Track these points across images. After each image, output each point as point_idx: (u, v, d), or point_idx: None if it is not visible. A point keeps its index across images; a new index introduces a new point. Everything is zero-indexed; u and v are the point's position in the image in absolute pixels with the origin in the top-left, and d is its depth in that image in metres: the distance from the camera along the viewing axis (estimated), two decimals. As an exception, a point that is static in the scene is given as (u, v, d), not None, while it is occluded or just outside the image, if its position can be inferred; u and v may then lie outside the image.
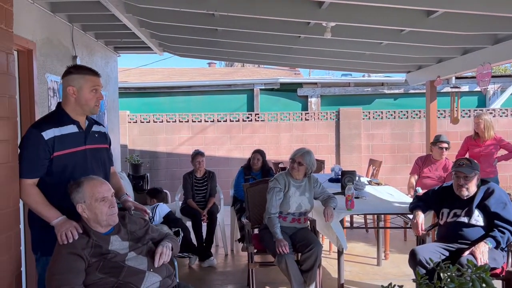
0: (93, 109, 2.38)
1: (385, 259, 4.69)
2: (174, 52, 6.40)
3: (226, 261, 4.89)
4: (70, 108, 2.36)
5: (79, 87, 2.32)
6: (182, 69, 13.23)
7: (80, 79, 2.33)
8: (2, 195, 2.16)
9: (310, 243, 3.39)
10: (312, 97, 9.38)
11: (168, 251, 2.28)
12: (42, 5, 3.99)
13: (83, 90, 2.32)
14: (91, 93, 2.34)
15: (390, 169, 8.59)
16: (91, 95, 2.34)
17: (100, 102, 2.40)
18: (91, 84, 2.34)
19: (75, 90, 2.32)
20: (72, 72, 2.35)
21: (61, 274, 2.01)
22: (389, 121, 8.73)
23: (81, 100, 2.33)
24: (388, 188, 4.78)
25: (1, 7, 2.17)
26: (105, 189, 2.22)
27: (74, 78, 2.33)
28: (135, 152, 8.31)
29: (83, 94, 2.32)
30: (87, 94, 2.33)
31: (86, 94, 2.33)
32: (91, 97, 2.34)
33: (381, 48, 4.93)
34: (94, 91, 2.35)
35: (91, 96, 2.34)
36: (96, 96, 2.36)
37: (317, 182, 3.72)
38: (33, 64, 3.73)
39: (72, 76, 2.34)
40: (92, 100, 2.35)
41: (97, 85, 2.36)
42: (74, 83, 2.32)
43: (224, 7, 3.68)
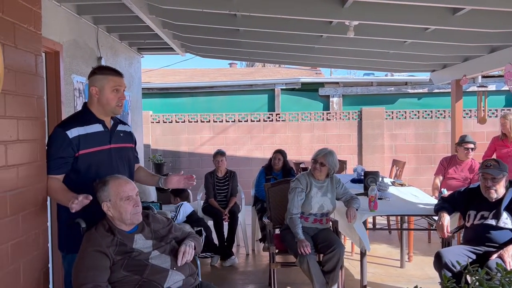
0: (114, 109, 2.39)
1: (408, 261, 4.61)
2: (196, 52, 6.45)
3: (247, 261, 4.89)
4: (94, 108, 2.39)
5: (101, 87, 2.35)
6: (203, 69, 13.32)
7: (102, 80, 2.35)
8: (31, 194, 2.21)
9: (332, 244, 3.36)
10: (334, 96, 9.30)
11: (191, 250, 2.29)
12: (69, 7, 4.08)
13: (105, 90, 2.34)
14: (112, 93, 2.35)
15: (413, 170, 8.45)
16: (112, 95, 2.35)
17: (123, 102, 2.40)
18: (113, 84, 2.35)
19: (97, 90, 2.35)
20: (96, 72, 2.39)
21: (87, 271, 2.05)
22: (413, 121, 8.59)
23: (102, 100, 2.35)
24: (412, 189, 4.70)
25: (30, 10, 2.22)
26: (130, 188, 2.25)
27: (97, 79, 2.36)
28: (158, 151, 8.41)
29: (105, 94, 2.34)
30: (109, 94, 2.34)
31: (108, 94, 2.34)
32: (112, 97, 2.35)
33: (405, 46, 4.84)
34: (115, 91, 2.36)
35: (113, 96, 2.35)
36: (118, 96, 2.36)
37: (339, 182, 3.68)
38: (59, 65, 3.82)
39: (96, 76, 2.37)
40: (113, 100, 2.35)
41: (118, 85, 2.37)
42: (96, 84, 2.35)
43: (246, 7, 3.68)
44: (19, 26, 2.12)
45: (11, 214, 2.04)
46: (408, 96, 9.36)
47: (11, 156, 2.05)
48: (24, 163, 2.15)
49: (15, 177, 2.08)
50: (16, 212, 2.09)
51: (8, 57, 2.00)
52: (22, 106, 2.15)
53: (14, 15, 2.07)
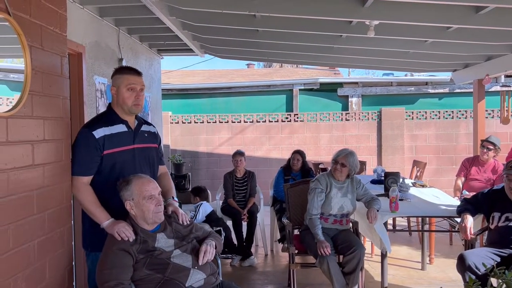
0: (131, 108, 2.38)
1: (429, 263, 4.54)
2: (215, 53, 6.48)
3: (266, 261, 4.89)
4: (117, 108, 2.43)
5: (117, 87, 2.38)
6: (222, 70, 13.39)
7: (118, 79, 2.39)
8: (56, 192, 2.26)
9: (352, 245, 3.34)
10: (353, 97, 9.22)
11: (212, 249, 2.30)
12: (91, 10, 4.16)
13: (120, 89, 2.37)
14: (128, 92, 2.35)
15: (434, 171, 8.32)
16: (127, 94, 2.36)
17: (140, 101, 2.40)
18: (127, 82, 2.36)
19: (115, 89, 2.39)
20: (115, 73, 2.45)
21: (111, 269, 2.08)
22: (434, 121, 8.45)
23: (119, 99, 2.38)
24: (433, 190, 4.63)
25: (56, 12, 2.27)
26: (152, 187, 2.27)
27: (115, 79, 2.41)
28: (177, 152, 8.49)
29: (121, 92, 2.37)
30: (124, 93, 2.36)
31: (123, 92, 2.36)
32: (127, 95, 2.36)
33: (426, 46, 4.78)
34: (131, 89, 2.36)
35: (128, 95, 2.35)
36: (134, 95, 2.36)
37: (359, 183, 3.65)
38: (82, 66, 3.90)
39: (114, 77, 2.43)
40: (129, 98, 2.35)
41: (133, 83, 2.36)
42: (114, 83, 2.40)
43: (265, 8, 3.68)
44: (46, 28, 2.17)
45: (37, 212, 2.09)
46: (429, 96, 9.23)
47: (38, 156, 2.10)
48: (49, 162, 2.20)
49: (41, 176, 2.13)
50: (42, 210, 2.13)
51: (35, 58, 2.05)
52: (48, 107, 2.20)
53: (41, 18, 2.12)
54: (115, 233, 2.18)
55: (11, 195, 1.89)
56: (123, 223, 2.23)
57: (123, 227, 2.20)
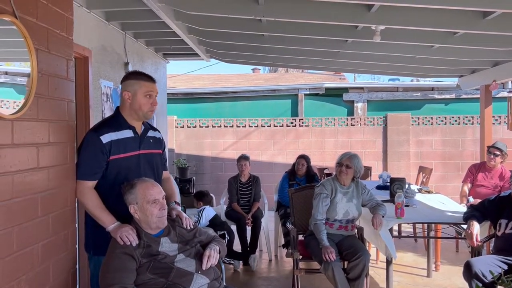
0: (146, 114, 2.40)
1: (435, 270, 4.50)
2: (221, 58, 6.50)
3: (270, 267, 4.87)
4: (126, 113, 2.42)
5: (133, 92, 2.37)
6: (227, 75, 13.42)
7: (135, 85, 2.38)
8: (60, 195, 2.26)
9: (357, 251, 3.31)
10: (359, 102, 9.21)
11: (216, 254, 2.29)
12: (98, 14, 4.18)
13: (137, 95, 2.37)
14: (145, 98, 2.37)
15: (440, 177, 8.27)
16: (144, 100, 2.37)
17: (155, 108, 2.42)
18: (145, 90, 2.37)
19: (130, 95, 2.38)
20: (129, 77, 2.42)
21: (114, 273, 2.07)
22: (440, 127, 8.41)
23: (135, 105, 2.37)
24: (439, 196, 4.60)
25: (62, 16, 2.28)
26: (156, 192, 2.27)
27: (130, 84, 2.39)
28: (182, 156, 8.49)
29: (137, 99, 2.37)
30: (141, 99, 2.37)
31: (140, 99, 2.37)
32: (144, 102, 2.37)
33: (432, 51, 4.76)
34: (148, 96, 2.38)
35: (145, 101, 2.37)
36: (150, 102, 2.38)
37: (365, 188, 3.63)
38: (88, 70, 3.92)
39: (129, 81, 2.40)
40: (145, 105, 2.38)
41: (151, 90, 2.39)
42: (129, 88, 2.38)
43: (271, 13, 3.69)
44: (52, 32, 2.18)
45: (41, 215, 2.09)
46: (435, 101, 9.19)
47: (43, 158, 2.10)
48: (54, 165, 2.20)
49: (46, 179, 2.13)
50: (46, 213, 2.13)
51: (41, 61, 2.05)
52: (54, 110, 2.21)
53: (47, 21, 2.13)
54: (117, 238, 2.17)
55: (15, 197, 1.89)
56: (127, 227, 2.22)
57: (126, 231, 2.19)
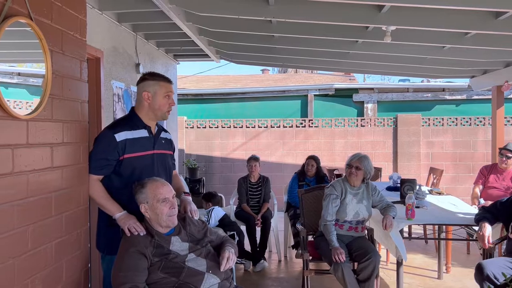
0: (164, 114, 2.48)
1: (446, 272, 4.46)
2: (231, 59, 6.52)
3: (280, 267, 4.87)
4: (143, 113, 2.47)
5: (153, 93, 2.43)
6: (236, 76, 13.45)
7: (155, 85, 2.43)
8: (73, 195, 2.29)
9: (367, 252, 3.30)
10: (369, 102, 9.17)
11: (234, 256, 2.31)
12: (110, 15, 4.23)
13: (157, 95, 2.43)
14: (164, 99, 2.44)
15: (451, 179, 8.20)
16: (164, 101, 2.44)
17: (172, 108, 2.50)
18: (165, 90, 2.44)
19: (150, 95, 2.43)
20: (148, 78, 2.47)
21: (126, 272, 2.09)
22: (451, 128, 8.35)
23: (154, 105, 2.43)
24: (450, 198, 4.56)
25: (76, 18, 2.32)
26: (166, 191, 2.29)
27: (150, 85, 2.44)
28: (192, 156, 8.53)
29: (157, 99, 2.43)
30: (161, 100, 2.43)
31: (160, 99, 2.43)
32: (164, 102, 2.44)
33: (443, 52, 4.73)
34: (167, 97, 2.45)
35: (164, 102, 2.44)
36: (169, 102, 2.46)
37: (375, 190, 3.62)
38: (100, 71, 3.96)
39: (148, 82, 2.45)
40: (165, 105, 2.45)
41: (170, 91, 2.47)
42: (149, 89, 2.43)
43: (282, 13, 3.69)
44: (66, 33, 2.21)
45: (55, 214, 2.12)
46: (446, 102, 9.12)
47: (56, 158, 2.13)
48: (68, 165, 2.23)
49: (60, 178, 2.16)
50: (60, 212, 2.16)
51: (55, 63, 2.09)
52: (67, 110, 2.24)
53: (61, 23, 2.16)
54: (125, 228, 2.23)
55: (30, 196, 1.92)
56: (134, 219, 2.27)
57: (134, 222, 2.25)
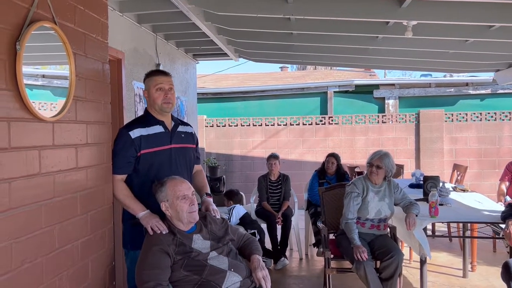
0: (161, 106, 2.47)
1: (472, 271, 4.38)
2: (250, 57, 6.52)
3: (301, 265, 4.86)
4: (152, 110, 2.55)
5: (148, 89, 2.53)
6: (255, 74, 13.45)
7: (148, 82, 2.53)
8: (98, 194, 2.34)
9: (390, 250, 3.26)
10: (390, 99, 9.05)
11: (265, 271, 2.29)
12: (130, 17, 4.28)
13: (150, 90, 2.51)
14: (157, 92, 2.48)
15: (476, 175, 8.03)
16: (157, 94, 2.48)
17: (170, 99, 2.49)
18: (155, 83, 2.49)
19: (146, 92, 2.54)
20: (145, 78, 2.58)
21: (150, 270, 2.13)
22: (475, 123, 8.17)
23: (150, 100, 2.51)
24: (475, 195, 4.47)
25: (98, 20, 2.36)
26: (185, 188, 2.32)
27: (145, 82, 2.56)
28: (212, 155, 8.59)
29: (151, 94, 2.50)
30: (154, 93, 2.49)
31: (153, 93, 2.49)
32: (157, 95, 2.48)
33: (466, 46, 4.62)
34: (159, 89, 2.48)
35: (157, 95, 2.48)
36: (163, 94, 2.47)
37: (397, 187, 3.57)
38: (122, 72, 4.02)
39: (145, 81, 2.57)
40: (158, 98, 2.47)
41: (160, 83, 2.48)
42: (145, 87, 2.55)
43: (300, 11, 3.68)
44: (89, 36, 2.25)
45: (81, 213, 2.17)
46: (470, 97, 8.93)
47: (81, 159, 2.18)
48: (92, 165, 2.28)
49: (85, 179, 2.21)
50: (85, 211, 2.21)
51: (79, 65, 2.13)
52: (91, 111, 2.28)
53: (84, 26, 2.20)
54: (148, 228, 2.28)
55: (57, 196, 1.97)
56: (157, 218, 2.32)
57: (157, 221, 2.30)
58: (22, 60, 1.73)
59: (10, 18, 1.69)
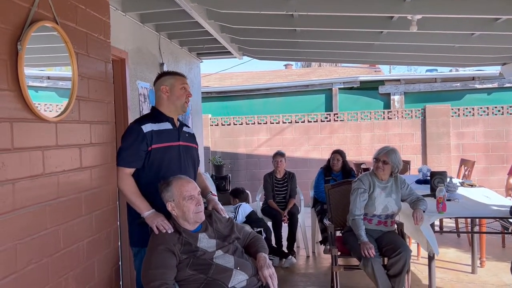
0: (183, 105, 2.59)
1: (480, 266, 4.34)
2: (253, 55, 6.50)
3: (308, 263, 4.84)
4: (163, 107, 2.59)
5: (171, 86, 2.57)
6: (259, 72, 13.42)
7: (171, 79, 2.59)
8: (102, 194, 2.34)
9: (398, 247, 3.23)
10: (395, 94, 8.99)
11: (272, 268, 2.29)
12: (133, 16, 4.27)
13: (175, 87, 2.57)
14: (181, 90, 2.58)
15: (483, 170, 7.96)
16: (181, 92, 2.58)
17: (189, 100, 2.62)
18: (180, 82, 2.60)
19: (168, 88, 2.57)
20: (163, 75, 2.64)
21: (155, 269, 2.11)
22: (482, 118, 8.09)
23: (173, 97, 2.56)
24: (483, 190, 4.42)
25: (100, 20, 2.35)
26: (191, 188, 2.30)
27: (166, 79, 2.60)
28: (217, 153, 8.59)
29: (175, 91, 2.57)
30: (178, 91, 2.57)
31: (177, 91, 2.57)
32: (181, 93, 2.58)
33: (472, 39, 4.57)
34: (183, 88, 2.59)
35: (182, 93, 2.58)
36: (185, 94, 2.59)
37: (404, 183, 3.54)
38: (125, 72, 4.01)
39: (164, 77, 2.61)
40: (182, 96, 2.58)
41: (185, 83, 2.62)
42: (166, 83, 2.58)
43: (303, 7, 3.65)
44: (91, 36, 2.24)
45: (85, 213, 2.17)
46: (476, 91, 8.84)
47: (85, 159, 2.17)
48: (96, 165, 2.27)
49: (89, 179, 2.20)
50: (90, 211, 2.21)
51: (81, 65, 2.12)
52: (94, 111, 2.28)
53: (86, 26, 2.19)
54: (154, 227, 2.27)
55: (61, 197, 1.96)
56: (162, 217, 2.32)
57: (162, 220, 2.30)
58: (23, 60, 1.72)
59: (11, 18, 1.68)
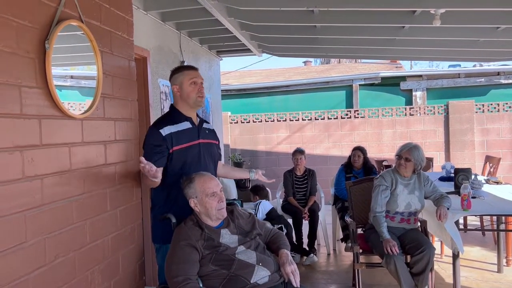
0: (196, 100, 2.50)
1: (507, 265, 4.24)
2: (273, 52, 6.49)
3: (329, 261, 4.82)
4: (180, 106, 2.54)
5: (180, 84, 2.50)
6: (279, 69, 13.40)
7: (179, 76, 2.51)
8: (127, 190, 2.38)
9: (421, 245, 3.19)
10: (417, 90, 8.85)
11: (294, 265, 2.28)
12: (154, 15, 4.32)
13: (184, 84, 2.49)
14: (191, 86, 2.48)
15: (509, 167, 7.77)
16: (191, 88, 2.48)
17: (202, 93, 2.52)
18: (188, 77, 2.49)
19: (178, 87, 2.50)
20: (173, 73, 2.56)
21: (178, 264, 2.14)
22: (507, 113, 7.89)
23: (183, 95, 2.49)
24: (510, 187, 4.31)
25: (123, 18, 2.38)
26: (214, 185, 2.32)
27: (176, 77, 2.53)
28: (237, 151, 8.61)
29: (184, 88, 2.49)
30: (187, 87, 2.48)
31: (186, 87, 2.48)
32: (191, 89, 2.48)
33: (497, 33, 4.46)
34: (193, 83, 2.49)
35: (191, 89, 2.48)
36: (196, 88, 2.49)
37: (427, 180, 3.48)
38: (147, 70, 4.06)
39: (174, 76, 2.54)
40: (192, 92, 2.48)
41: (194, 77, 2.50)
42: (176, 82, 2.52)
43: (324, 3, 3.62)
44: (115, 34, 2.28)
45: (110, 209, 2.21)
46: (501, 87, 8.63)
47: (110, 155, 2.21)
48: (121, 161, 2.31)
49: (113, 175, 2.24)
50: (114, 207, 2.25)
51: (105, 63, 2.16)
52: (118, 109, 2.32)
53: (110, 24, 2.23)
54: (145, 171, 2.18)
55: (87, 192, 2.01)
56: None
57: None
58: (51, 59, 1.76)
59: (39, 17, 1.72)
